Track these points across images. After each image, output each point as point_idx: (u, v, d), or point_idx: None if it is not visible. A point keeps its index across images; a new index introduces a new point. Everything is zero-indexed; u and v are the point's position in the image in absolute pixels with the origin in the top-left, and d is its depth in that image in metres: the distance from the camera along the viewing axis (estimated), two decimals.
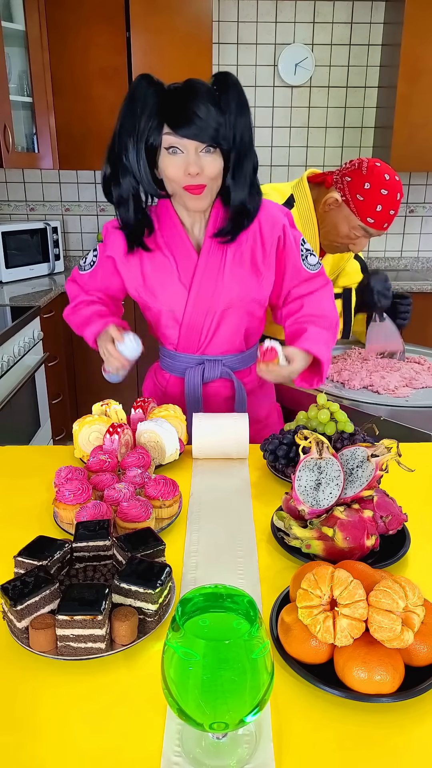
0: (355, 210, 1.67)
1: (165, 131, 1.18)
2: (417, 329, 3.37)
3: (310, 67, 3.45)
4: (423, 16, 3.04)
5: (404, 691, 0.65)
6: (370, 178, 1.63)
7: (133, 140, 1.20)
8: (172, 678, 0.55)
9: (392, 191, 1.63)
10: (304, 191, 1.78)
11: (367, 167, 1.65)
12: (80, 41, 3.08)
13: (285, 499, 0.94)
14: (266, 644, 0.56)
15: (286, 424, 1.22)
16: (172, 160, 1.20)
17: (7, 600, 0.73)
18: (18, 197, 3.68)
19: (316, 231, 1.80)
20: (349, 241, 1.76)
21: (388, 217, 1.67)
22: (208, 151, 1.19)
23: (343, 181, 1.69)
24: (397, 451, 0.91)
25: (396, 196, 1.64)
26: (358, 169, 1.66)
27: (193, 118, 1.15)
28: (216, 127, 1.17)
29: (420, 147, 3.25)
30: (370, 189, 1.63)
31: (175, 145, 1.18)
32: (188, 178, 1.21)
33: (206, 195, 1.24)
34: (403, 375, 1.69)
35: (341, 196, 1.69)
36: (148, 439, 1.18)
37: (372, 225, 1.68)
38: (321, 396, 1.18)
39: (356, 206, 1.67)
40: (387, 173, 1.64)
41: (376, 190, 1.63)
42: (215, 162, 1.21)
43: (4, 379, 2.37)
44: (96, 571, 0.81)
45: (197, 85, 1.18)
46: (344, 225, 1.72)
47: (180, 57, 3.10)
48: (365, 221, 1.67)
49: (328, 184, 1.75)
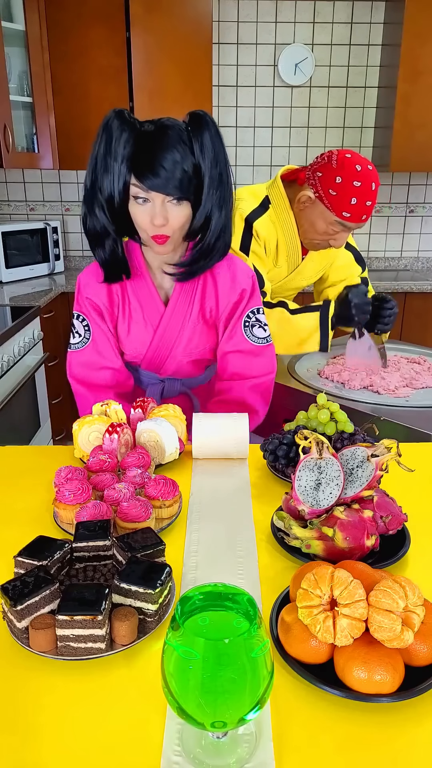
0: (329, 205, 1.63)
1: (132, 181, 1.17)
2: (417, 329, 3.37)
3: (310, 67, 3.45)
4: (423, 16, 3.04)
5: (404, 691, 0.65)
6: (341, 171, 1.58)
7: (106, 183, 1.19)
8: (172, 677, 0.55)
9: (366, 182, 1.59)
10: (279, 191, 1.74)
11: (337, 160, 1.60)
12: (80, 41, 3.08)
13: (285, 499, 0.94)
14: (266, 643, 0.56)
15: (286, 425, 1.21)
16: (139, 209, 1.21)
17: (7, 600, 0.73)
18: (18, 197, 3.68)
19: (295, 230, 1.77)
20: (329, 237, 1.72)
21: (365, 209, 1.62)
22: (175, 202, 1.19)
23: (315, 177, 1.64)
24: (397, 451, 0.91)
25: (370, 186, 1.59)
26: (328, 163, 1.61)
27: (159, 170, 1.14)
28: (181, 177, 1.16)
29: (420, 147, 3.25)
30: (342, 182, 1.58)
31: (142, 195, 1.18)
32: (154, 228, 1.21)
33: (170, 243, 1.25)
34: (403, 375, 1.69)
35: (314, 192, 1.65)
36: (148, 438, 1.18)
37: (349, 219, 1.63)
38: (321, 396, 1.18)
39: (330, 201, 1.62)
40: (359, 164, 1.59)
41: (348, 183, 1.58)
42: (182, 212, 1.21)
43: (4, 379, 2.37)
44: (96, 571, 0.81)
45: (168, 130, 1.16)
46: (321, 221, 1.68)
47: (180, 57, 3.10)
48: (341, 216, 1.63)
49: (301, 181, 1.71)
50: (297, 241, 1.79)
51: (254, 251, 1.74)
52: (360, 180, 1.58)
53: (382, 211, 3.76)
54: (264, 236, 1.74)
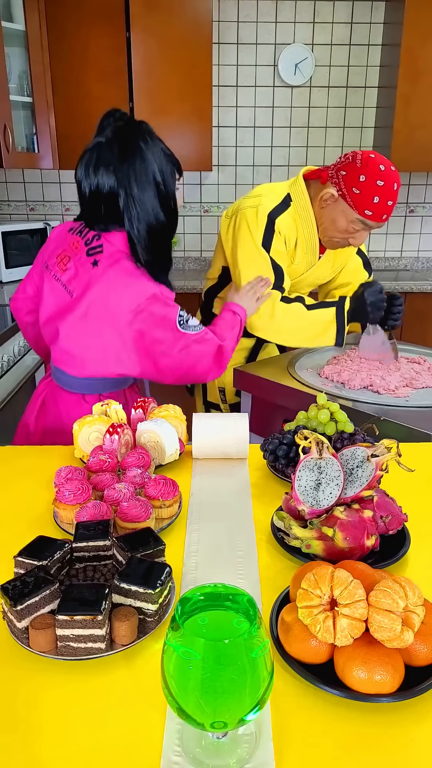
0: (352, 203, 1.66)
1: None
2: (417, 329, 3.37)
3: (310, 67, 3.45)
4: (423, 16, 3.04)
5: (404, 691, 0.65)
6: (365, 170, 1.62)
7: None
8: (171, 677, 0.55)
9: (388, 182, 1.61)
10: (301, 189, 1.77)
11: (361, 159, 1.63)
12: (80, 41, 3.08)
13: (285, 499, 0.94)
14: (266, 643, 0.56)
15: (286, 425, 1.21)
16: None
17: (7, 600, 0.72)
18: (18, 197, 3.68)
19: (315, 228, 1.80)
20: (349, 236, 1.75)
21: (387, 208, 1.65)
22: None
23: (338, 176, 1.67)
24: (397, 451, 0.91)
25: (393, 186, 1.62)
26: (352, 162, 1.64)
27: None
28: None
29: (420, 147, 3.25)
30: (365, 181, 1.61)
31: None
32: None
33: None
34: (403, 375, 1.69)
35: (337, 190, 1.68)
36: (148, 439, 1.18)
37: (370, 217, 1.66)
38: (321, 396, 1.18)
39: (353, 199, 1.65)
40: (382, 164, 1.62)
41: (372, 182, 1.61)
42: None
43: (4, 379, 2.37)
44: (96, 571, 0.81)
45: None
46: (342, 219, 1.71)
47: (180, 57, 3.10)
48: (363, 214, 1.66)
49: (324, 180, 1.74)
50: (316, 240, 1.82)
51: (275, 248, 1.78)
52: (383, 179, 1.61)
53: None
54: (285, 233, 1.78)
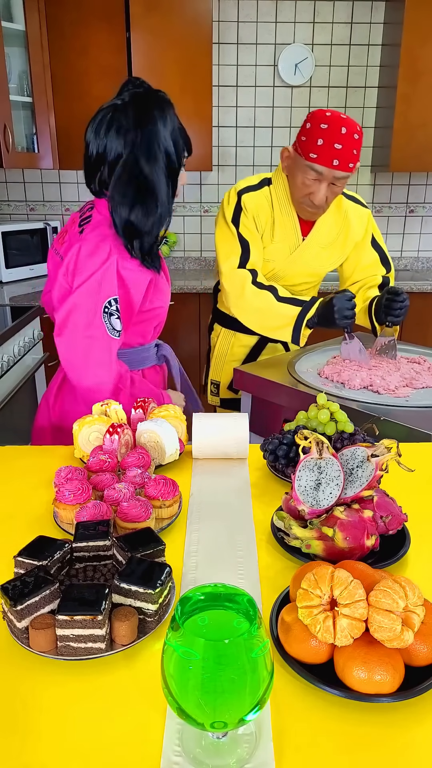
0: (300, 151, 1.72)
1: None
2: (417, 329, 3.37)
3: (310, 67, 3.45)
4: (423, 16, 3.04)
5: (404, 691, 0.65)
6: (311, 119, 1.69)
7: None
8: (171, 677, 0.55)
9: (333, 125, 1.65)
10: (279, 171, 1.86)
11: (312, 113, 1.71)
12: (80, 41, 3.08)
13: (285, 499, 0.94)
14: (266, 643, 0.56)
15: (286, 425, 1.22)
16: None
17: (7, 600, 0.72)
18: (18, 197, 3.68)
19: (293, 207, 1.86)
20: (307, 191, 1.79)
21: (334, 151, 1.66)
22: None
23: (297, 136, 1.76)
24: (397, 451, 0.91)
25: (339, 129, 1.64)
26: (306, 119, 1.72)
27: None
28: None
29: (420, 147, 3.25)
30: (310, 127, 1.69)
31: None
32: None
33: None
34: (403, 375, 1.69)
35: (292, 147, 1.77)
36: (148, 439, 1.18)
37: (316, 160, 1.70)
38: (321, 396, 1.18)
39: (300, 147, 1.72)
40: (329, 112, 1.68)
41: (315, 126, 1.67)
42: None
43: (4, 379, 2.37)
44: (96, 571, 0.81)
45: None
46: (298, 174, 1.77)
47: (180, 57, 3.10)
48: (309, 158, 1.70)
49: None
50: (294, 218, 1.87)
51: (243, 223, 1.85)
52: (327, 123, 1.66)
53: (382, 211, 3.76)
54: (251, 209, 1.85)
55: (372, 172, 3.68)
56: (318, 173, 1.72)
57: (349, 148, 1.66)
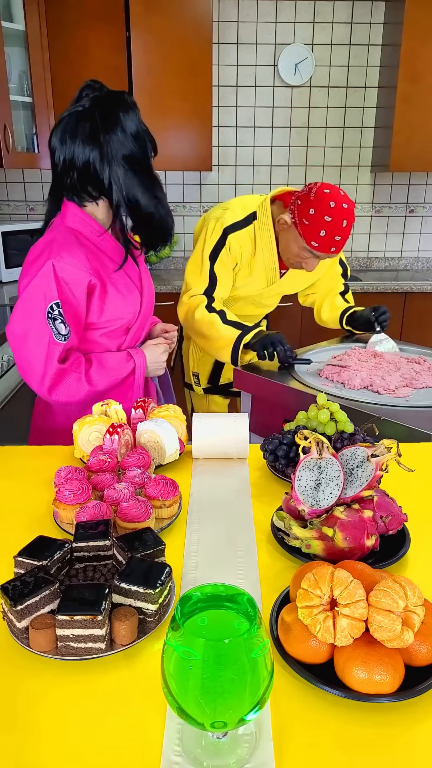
0: (301, 233, 1.76)
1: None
2: (417, 329, 3.37)
3: (310, 67, 3.45)
4: (423, 16, 3.04)
5: (404, 691, 0.65)
6: (316, 204, 1.70)
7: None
8: (172, 677, 0.55)
9: (336, 218, 1.69)
10: (266, 211, 1.88)
11: (315, 193, 1.72)
12: (80, 41, 3.08)
13: (285, 499, 0.94)
14: (266, 643, 0.56)
15: (286, 425, 1.22)
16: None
17: (7, 600, 0.73)
18: (18, 197, 3.68)
19: (274, 248, 1.91)
20: (301, 260, 1.86)
21: (334, 242, 1.74)
22: None
23: (295, 204, 1.77)
24: (397, 451, 0.91)
25: (341, 223, 1.70)
26: (308, 194, 1.73)
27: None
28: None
29: (420, 147, 3.25)
30: (314, 215, 1.71)
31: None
32: None
33: None
34: (403, 375, 1.69)
35: (291, 218, 1.79)
36: (148, 439, 1.18)
37: (316, 248, 1.76)
38: (321, 396, 1.18)
39: (302, 230, 1.75)
40: (333, 200, 1.69)
41: (320, 216, 1.70)
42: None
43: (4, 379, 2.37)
44: (96, 571, 0.81)
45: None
46: (294, 245, 1.82)
47: (180, 57, 3.10)
48: (310, 245, 1.76)
49: (286, 204, 1.86)
50: (275, 258, 1.93)
51: (222, 260, 1.89)
52: (331, 216, 1.69)
53: (382, 211, 3.76)
54: (236, 249, 1.89)
55: (372, 172, 3.68)
56: (315, 256, 1.81)
57: (346, 237, 1.75)
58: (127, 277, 1.44)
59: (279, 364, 1.80)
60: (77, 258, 1.33)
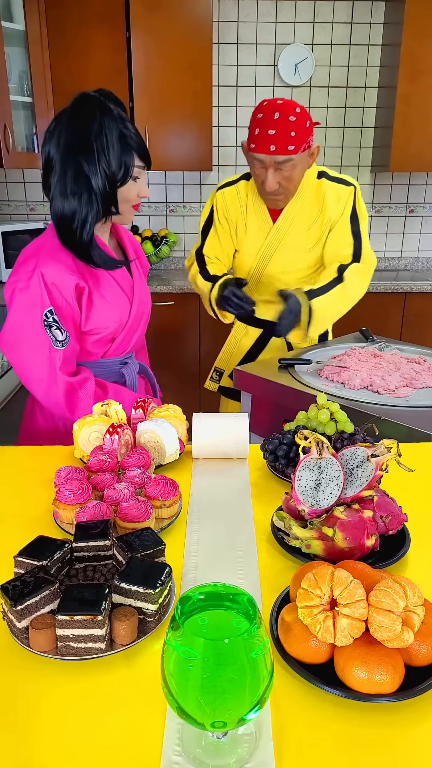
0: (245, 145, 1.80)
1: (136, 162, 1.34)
2: (417, 329, 3.37)
3: (310, 67, 3.45)
4: (423, 16, 3.04)
5: (404, 691, 0.65)
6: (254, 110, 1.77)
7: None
8: (171, 677, 0.55)
9: (267, 113, 1.71)
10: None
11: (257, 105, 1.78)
12: (80, 41, 3.08)
13: (285, 499, 0.94)
14: (266, 643, 0.56)
15: (286, 425, 1.22)
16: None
17: (7, 600, 0.73)
18: (18, 197, 3.68)
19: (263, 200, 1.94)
20: (259, 180, 1.84)
21: (269, 137, 1.71)
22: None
23: None
24: (397, 451, 0.91)
25: (272, 115, 1.69)
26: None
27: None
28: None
29: (420, 147, 3.25)
30: (251, 119, 1.77)
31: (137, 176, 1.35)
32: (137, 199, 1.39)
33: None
34: (403, 375, 1.69)
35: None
36: (148, 439, 1.18)
37: (255, 150, 1.76)
38: (321, 396, 1.18)
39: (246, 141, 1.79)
40: (268, 101, 1.74)
41: (253, 117, 1.75)
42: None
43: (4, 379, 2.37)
44: (96, 571, 0.81)
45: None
46: (251, 166, 1.84)
47: (180, 57, 3.10)
48: (251, 149, 1.77)
49: None
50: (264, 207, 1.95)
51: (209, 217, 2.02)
52: (262, 112, 1.72)
53: (382, 211, 3.76)
54: (221, 203, 1.97)
55: (372, 172, 3.68)
56: (260, 161, 1.77)
57: (284, 131, 1.69)
58: (117, 285, 1.43)
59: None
60: (64, 263, 1.33)
